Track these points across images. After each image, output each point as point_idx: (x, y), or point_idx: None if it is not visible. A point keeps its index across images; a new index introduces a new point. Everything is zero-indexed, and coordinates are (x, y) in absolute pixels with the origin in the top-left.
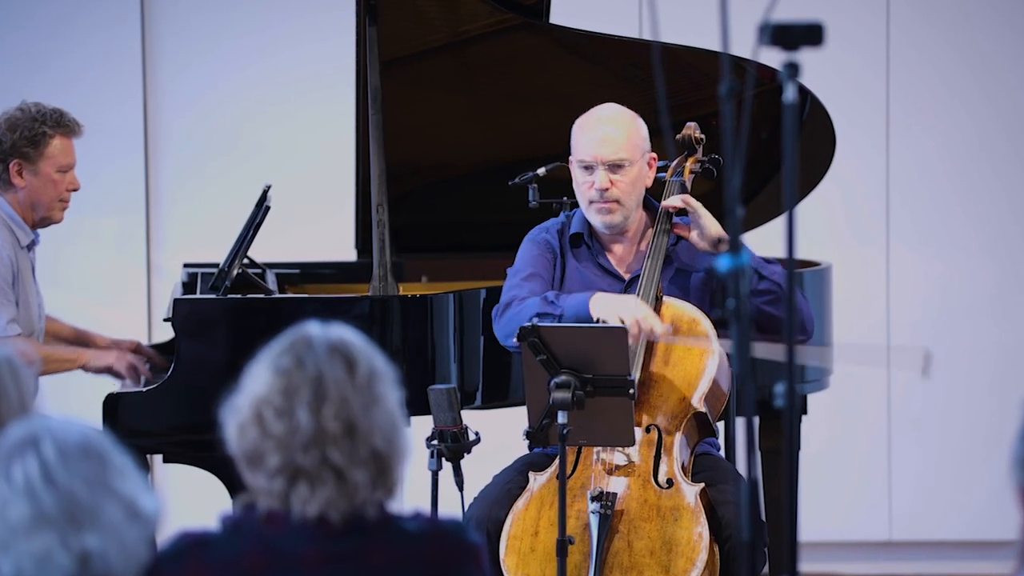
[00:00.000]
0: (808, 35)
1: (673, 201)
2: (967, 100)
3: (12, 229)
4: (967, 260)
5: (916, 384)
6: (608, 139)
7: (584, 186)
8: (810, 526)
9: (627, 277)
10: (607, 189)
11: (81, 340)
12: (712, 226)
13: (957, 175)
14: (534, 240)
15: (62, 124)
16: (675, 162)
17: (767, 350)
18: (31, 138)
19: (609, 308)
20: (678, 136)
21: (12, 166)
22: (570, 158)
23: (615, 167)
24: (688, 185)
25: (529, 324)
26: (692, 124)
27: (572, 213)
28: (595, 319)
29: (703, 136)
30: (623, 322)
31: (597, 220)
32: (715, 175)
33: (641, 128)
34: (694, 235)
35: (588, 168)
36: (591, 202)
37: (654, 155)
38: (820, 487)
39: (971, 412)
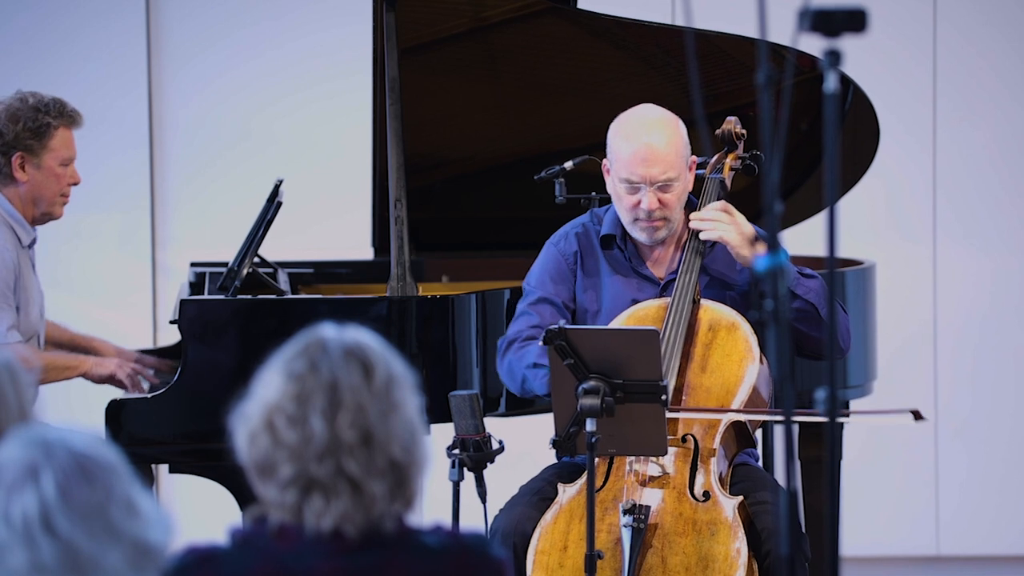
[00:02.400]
0: (850, 21)
1: (708, 235)
2: (1018, 91)
3: (12, 227)
4: (1017, 258)
5: (964, 390)
6: (656, 157)
7: (628, 203)
8: (853, 540)
9: (662, 281)
10: (656, 209)
11: (81, 346)
12: (745, 227)
13: (1007, 169)
14: (549, 251)
15: (65, 114)
16: (714, 158)
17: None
18: (35, 130)
19: None
20: (718, 131)
21: (14, 159)
22: (604, 162)
23: (664, 186)
24: (728, 183)
25: (556, 327)
26: (732, 119)
27: (603, 210)
28: None
29: (744, 131)
30: None
31: (642, 236)
32: (756, 172)
33: (684, 133)
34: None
35: (633, 186)
36: (636, 220)
37: (694, 158)
38: (863, 498)
39: (1023, 418)
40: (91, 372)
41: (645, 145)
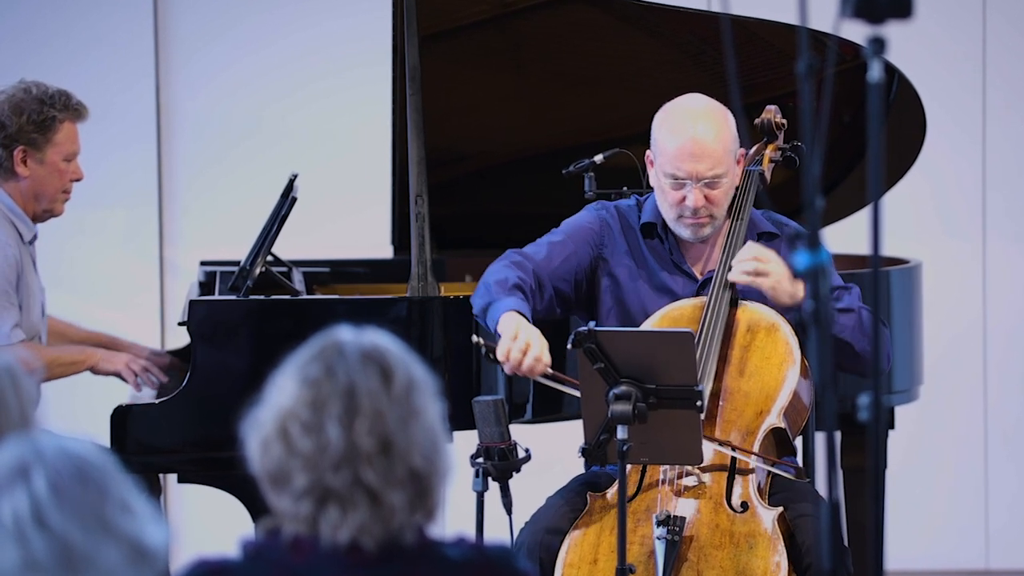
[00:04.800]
0: (895, 7)
1: (739, 276)
2: None
3: (14, 223)
4: None
5: (1015, 395)
6: (703, 152)
7: (673, 199)
8: (898, 553)
9: (701, 277)
10: (702, 207)
11: (95, 343)
12: (782, 266)
13: None
14: (590, 214)
15: (70, 107)
16: (753, 149)
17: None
18: (40, 123)
19: (507, 331)
20: (757, 120)
21: (16, 153)
22: (648, 154)
23: (711, 183)
24: (767, 175)
25: (585, 329)
26: (772, 107)
27: (644, 198)
28: (494, 330)
29: (784, 121)
30: (507, 354)
31: (686, 233)
32: (797, 164)
33: (732, 126)
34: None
35: (679, 182)
36: (681, 216)
37: (743, 151)
38: (908, 509)
39: None
40: (99, 366)
41: (691, 139)
